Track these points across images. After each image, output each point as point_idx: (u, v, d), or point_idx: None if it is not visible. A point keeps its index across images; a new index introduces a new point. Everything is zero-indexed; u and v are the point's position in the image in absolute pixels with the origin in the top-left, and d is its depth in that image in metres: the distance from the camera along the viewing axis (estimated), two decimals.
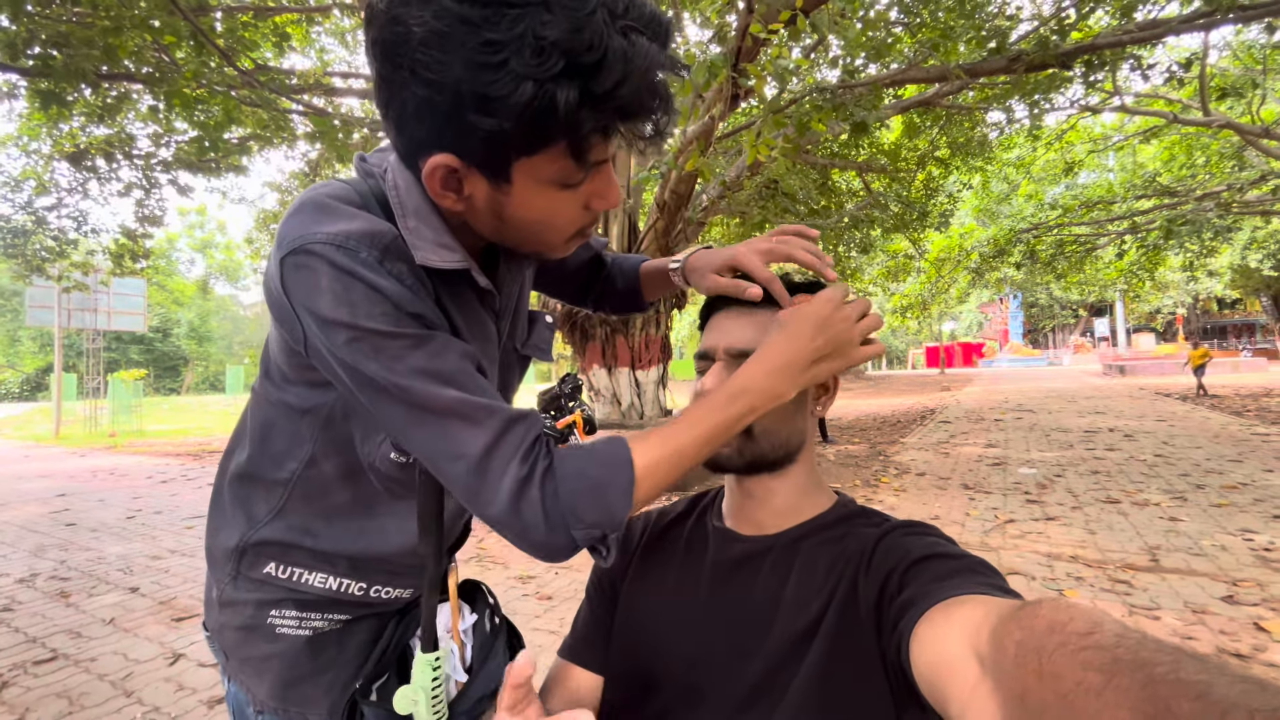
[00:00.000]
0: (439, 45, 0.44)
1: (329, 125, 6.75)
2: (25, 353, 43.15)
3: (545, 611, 3.02)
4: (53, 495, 6.75)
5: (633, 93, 0.46)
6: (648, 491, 0.57)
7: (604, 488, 0.55)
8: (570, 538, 0.55)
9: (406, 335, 0.53)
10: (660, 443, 0.57)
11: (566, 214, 0.57)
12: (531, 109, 0.44)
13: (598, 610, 0.74)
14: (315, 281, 0.52)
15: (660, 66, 0.48)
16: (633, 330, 8.05)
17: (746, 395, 0.58)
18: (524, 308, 0.79)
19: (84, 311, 15.22)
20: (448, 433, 0.53)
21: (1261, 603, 2.74)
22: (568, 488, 0.54)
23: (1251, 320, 41.00)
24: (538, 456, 0.54)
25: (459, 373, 0.54)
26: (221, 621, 0.69)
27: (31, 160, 7.50)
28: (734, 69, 4.24)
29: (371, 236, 0.54)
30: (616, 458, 0.56)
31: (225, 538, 0.69)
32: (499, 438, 0.53)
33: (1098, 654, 0.28)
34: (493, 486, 0.53)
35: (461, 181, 0.53)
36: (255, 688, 0.69)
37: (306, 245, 0.52)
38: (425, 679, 0.62)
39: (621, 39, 0.45)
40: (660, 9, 0.49)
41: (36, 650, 2.76)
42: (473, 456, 0.53)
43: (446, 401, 0.53)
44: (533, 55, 0.43)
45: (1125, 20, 6.11)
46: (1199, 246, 11.88)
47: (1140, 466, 5.94)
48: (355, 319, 0.52)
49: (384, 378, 0.53)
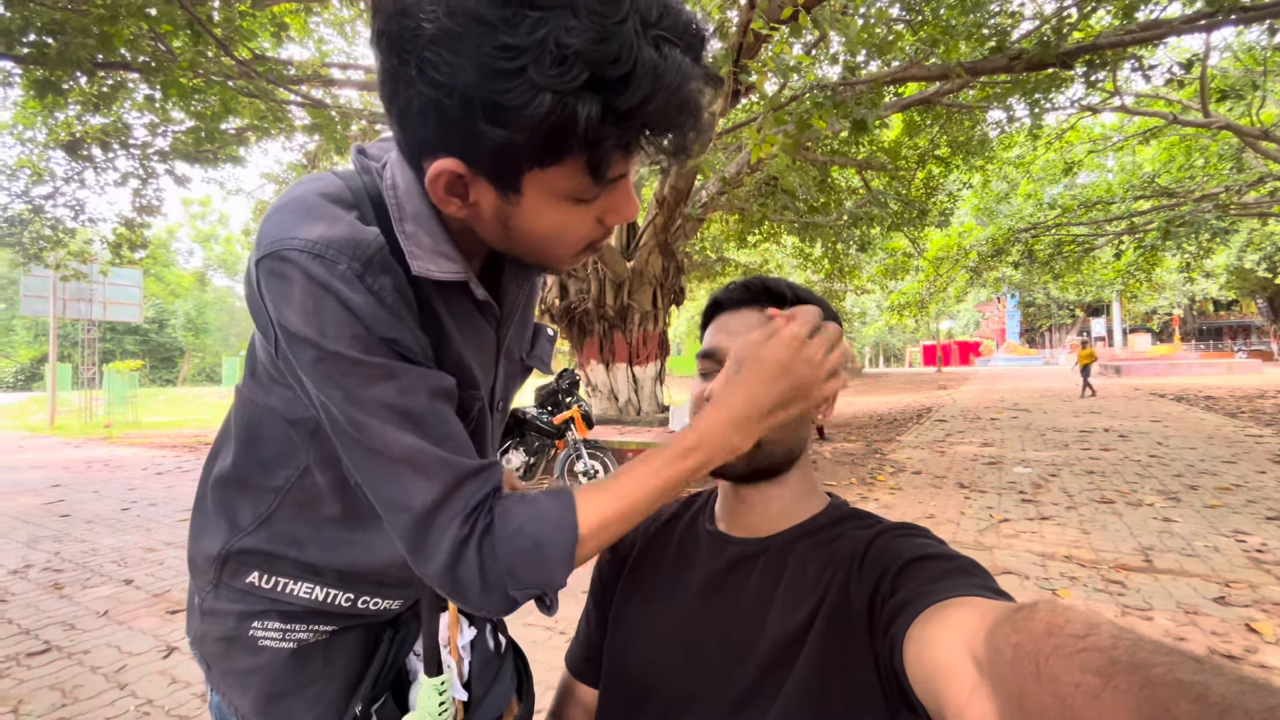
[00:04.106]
0: (450, 45, 0.40)
1: (327, 117, 6.71)
2: (19, 342, 42.95)
3: None
4: (47, 486, 6.73)
5: (660, 109, 0.43)
6: (593, 549, 0.55)
7: (543, 549, 0.52)
8: (508, 598, 0.53)
9: (374, 365, 0.50)
10: (612, 499, 0.55)
11: (578, 229, 0.53)
12: (548, 123, 0.41)
13: (594, 622, 0.75)
14: (287, 292, 0.49)
15: (693, 80, 0.44)
16: (631, 326, 8.05)
17: (702, 449, 0.55)
18: (530, 316, 0.76)
19: (79, 301, 15.14)
20: (397, 481, 0.51)
21: (1253, 604, 2.76)
22: (506, 548, 0.52)
23: (1247, 322, 41.19)
24: (479, 515, 0.52)
25: (425, 414, 0.52)
26: (203, 630, 0.66)
27: (27, 149, 7.45)
28: (735, 65, 4.23)
29: (354, 246, 0.50)
30: (560, 519, 0.53)
31: (207, 544, 0.66)
32: (448, 495, 0.51)
33: (1095, 656, 0.28)
34: (433, 544, 0.51)
35: (467, 188, 0.49)
36: (238, 701, 0.67)
37: (282, 251, 0.49)
38: (432, 704, 0.60)
39: (653, 51, 0.41)
40: (696, 16, 0.45)
41: (30, 642, 2.76)
42: (417, 511, 0.51)
43: (403, 449, 0.51)
44: (554, 64, 0.39)
45: (1126, 20, 6.10)
46: (1196, 248, 11.89)
47: (1135, 467, 5.97)
48: (322, 340, 0.49)
49: (343, 409, 0.51)
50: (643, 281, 7.90)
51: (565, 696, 0.77)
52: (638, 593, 0.70)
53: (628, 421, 7.88)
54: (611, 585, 0.74)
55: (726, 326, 0.68)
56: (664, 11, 0.42)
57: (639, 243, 7.93)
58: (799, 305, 0.68)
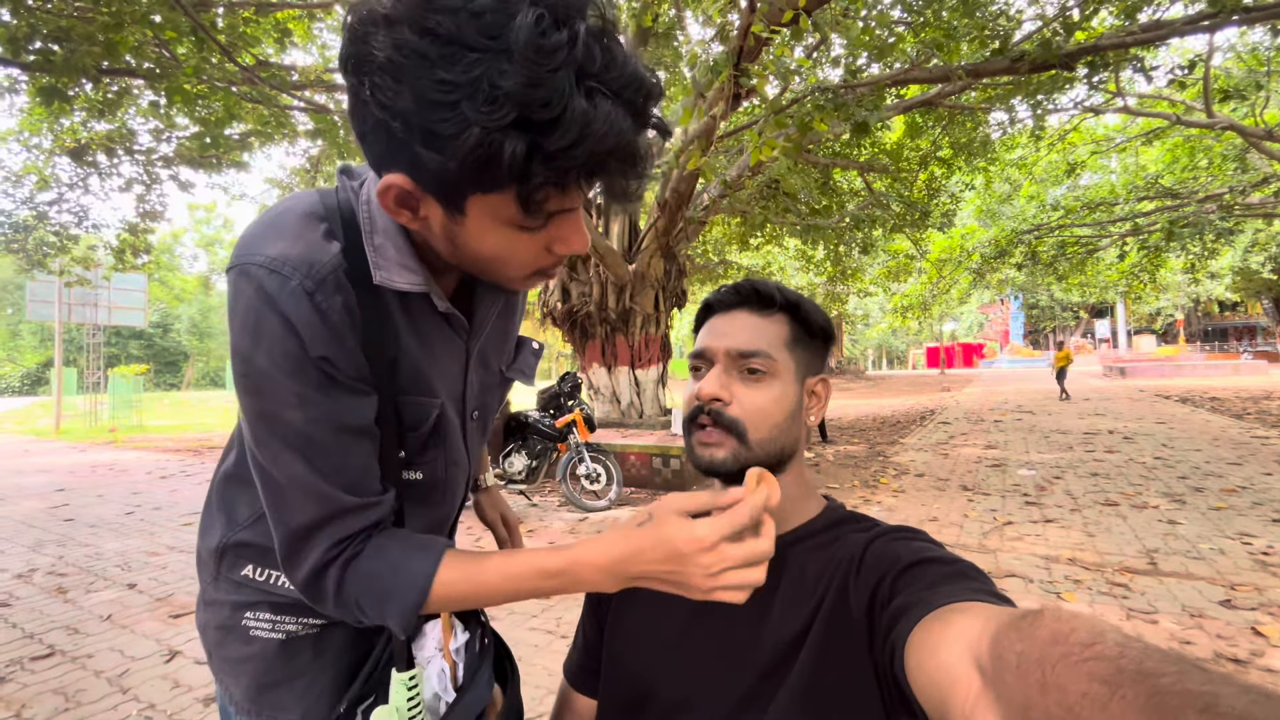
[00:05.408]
0: (395, 74, 0.44)
1: (329, 122, 6.75)
2: (26, 347, 43.19)
3: (542, 611, 3.02)
4: (52, 490, 6.76)
5: (588, 155, 0.45)
6: (434, 609, 0.58)
7: (387, 599, 0.56)
8: (358, 620, 0.58)
9: (293, 390, 0.54)
10: (467, 584, 0.57)
11: (523, 254, 0.55)
12: (476, 154, 0.44)
13: (590, 631, 0.75)
14: (236, 304, 0.54)
15: (625, 131, 0.46)
16: (633, 329, 8.05)
17: (565, 577, 0.55)
18: (510, 329, 0.79)
19: (84, 306, 15.21)
20: (282, 498, 0.56)
21: (1259, 607, 2.74)
22: (357, 585, 0.57)
23: (1252, 323, 40.99)
24: (349, 545, 0.57)
25: (324, 445, 0.56)
26: (205, 620, 0.71)
27: (33, 155, 7.49)
28: (736, 68, 4.23)
29: (309, 264, 0.54)
30: (414, 577, 0.56)
31: (210, 538, 0.70)
32: (322, 523, 0.56)
33: (1102, 665, 0.28)
34: (300, 559, 0.57)
35: (418, 203, 0.52)
36: (233, 689, 0.70)
37: (244, 265, 0.54)
38: (401, 699, 0.62)
39: (584, 101, 0.43)
40: (648, 72, 0.48)
41: (34, 646, 2.77)
42: (291, 528, 0.56)
43: (291, 473, 0.55)
44: (485, 102, 0.42)
45: (1129, 21, 6.09)
46: (1200, 249, 11.82)
47: (1139, 469, 5.94)
48: (254, 353, 0.53)
49: (253, 423, 0.55)
50: (645, 284, 7.90)
51: (563, 706, 0.77)
52: (634, 597, 0.70)
53: (630, 424, 7.87)
54: (608, 595, 0.74)
55: (717, 328, 0.68)
56: (608, 65, 0.45)
57: (641, 246, 7.92)
58: (788, 307, 0.68)
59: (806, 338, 0.68)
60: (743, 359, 0.64)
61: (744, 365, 0.64)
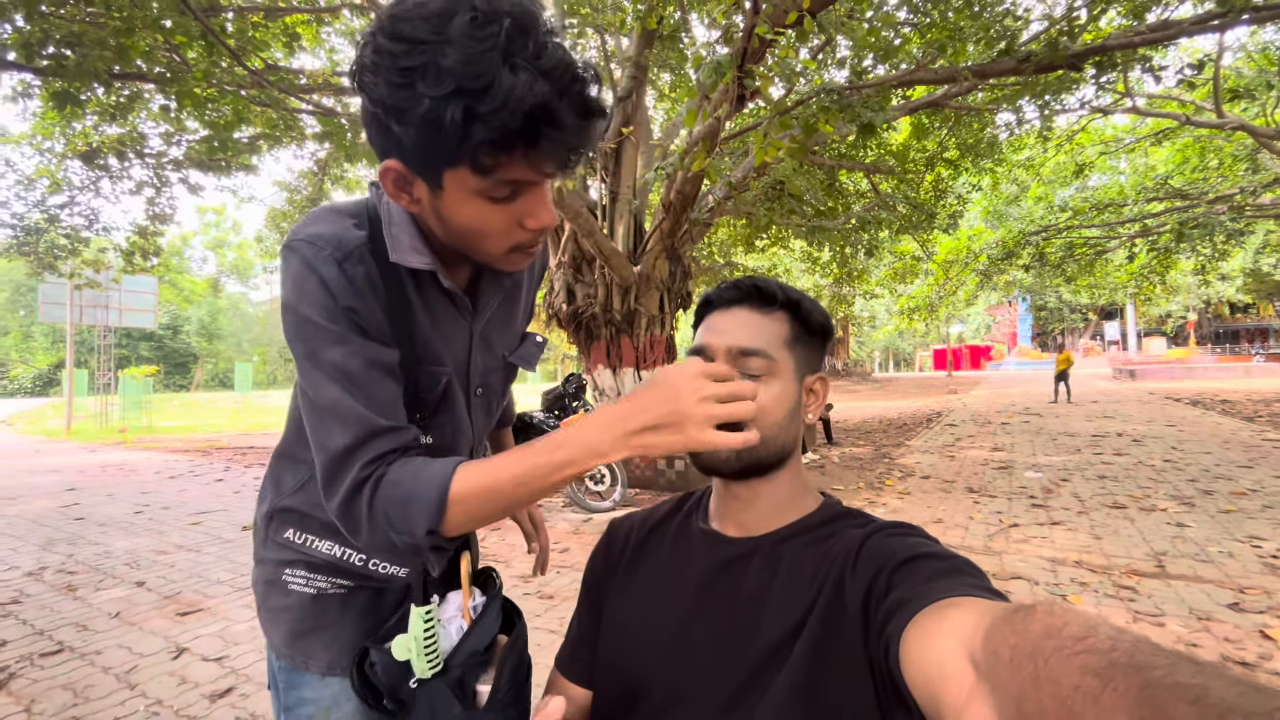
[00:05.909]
0: (374, 71, 0.55)
1: (337, 125, 6.79)
2: (38, 349, 43.65)
3: (546, 610, 3.02)
4: (62, 489, 6.83)
5: (514, 118, 0.53)
6: (459, 516, 0.61)
7: (411, 502, 0.60)
8: (390, 541, 0.62)
9: (331, 330, 0.64)
10: (484, 474, 0.61)
11: (497, 226, 0.64)
12: (427, 119, 0.54)
13: (585, 621, 0.75)
14: (287, 270, 0.66)
15: (549, 99, 0.54)
16: (638, 331, 8.05)
17: (567, 446, 0.60)
18: (513, 316, 0.88)
19: (95, 308, 15.37)
20: (323, 425, 0.64)
21: (1268, 610, 2.71)
22: (384, 495, 0.61)
23: (1264, 325, 40.51)
24: (380, 465, 0.62)
25: (359, 376, 0.64)
26: (256, 576, 0.83)
27: (45, 159, 7.58)
28: (740, 70, 4.23)
29: (339, 241, 0.66)
30: (435, 477, 0.61)
31: (262, 506, 0.82)
32: (359, 443, 0.62)
33: (1093, 658, 0.28)
34: (338, 483, 0.62)
35: (410, 185, 0.62)
36: (274, 636, 0.81)
37: (291, 242, 0.66)
38: (418, 629, 0.67)
39: (510, 74, 0.53)
40: (580, 61, 0.57)
41: (43, 643, 2.80)
42: (332, 451, 0.63)
43: (328, 397, 0.63)
44: (432, 80, 0.52)
45: (1137, 21, 6.05)
46: (1211, 250, 11.70)
47: (1148, 471, 5.89)
48: (299, 305, 0.64)
49: (301, 362, 0.65)
50: (649, 286, 7.90)
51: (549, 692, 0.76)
52: (631, 591, 0.71)
53: None
54: (605, 584, 0.74)
55: (717, 325, 0.68)
56: (540, 51, 0.54)
57: (646, 248, 7.93)
58: (789, 305, 0.68)
59: (806, 336, 0.68)
60: (743, 357, 0.65)
61: (744, 364, 0.65)
